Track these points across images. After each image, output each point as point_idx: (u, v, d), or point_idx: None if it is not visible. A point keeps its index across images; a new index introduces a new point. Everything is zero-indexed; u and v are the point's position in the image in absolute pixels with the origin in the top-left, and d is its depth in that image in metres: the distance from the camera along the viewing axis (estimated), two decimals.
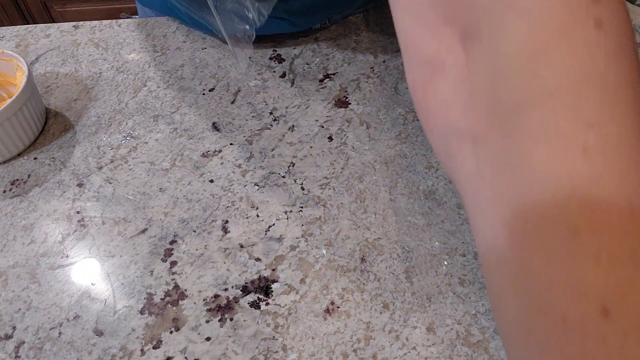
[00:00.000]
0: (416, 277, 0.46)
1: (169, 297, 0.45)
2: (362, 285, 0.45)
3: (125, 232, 0.49)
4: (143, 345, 0.43)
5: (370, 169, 0.53)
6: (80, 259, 0.48)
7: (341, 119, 0.57)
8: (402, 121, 0.57)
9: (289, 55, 0.65)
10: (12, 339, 0.43)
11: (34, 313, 0.45)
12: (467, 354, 0.41)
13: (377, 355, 0.41)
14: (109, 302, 0.45)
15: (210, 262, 0.47)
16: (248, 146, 0.55)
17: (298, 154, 0.55)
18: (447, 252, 0.47)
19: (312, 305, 0.44)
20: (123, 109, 0.59)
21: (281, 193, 0.52)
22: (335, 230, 0.49)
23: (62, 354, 0.42)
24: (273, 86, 0.61)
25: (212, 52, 0.65)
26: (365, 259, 0.47)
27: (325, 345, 0.42)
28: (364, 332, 0.43)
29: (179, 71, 0.63)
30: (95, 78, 0.63)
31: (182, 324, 0.44)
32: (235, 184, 0.52)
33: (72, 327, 0.44)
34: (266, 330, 0.43)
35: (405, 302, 0.44)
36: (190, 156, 0.55)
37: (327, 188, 0.52)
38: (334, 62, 0.63)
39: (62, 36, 0.68)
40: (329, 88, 0.61)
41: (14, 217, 0.51)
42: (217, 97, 0.60)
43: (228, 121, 0.58)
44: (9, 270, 0.47)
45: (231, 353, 0.42)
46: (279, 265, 0.47)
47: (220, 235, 0.49)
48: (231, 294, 0.45)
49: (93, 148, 0.56)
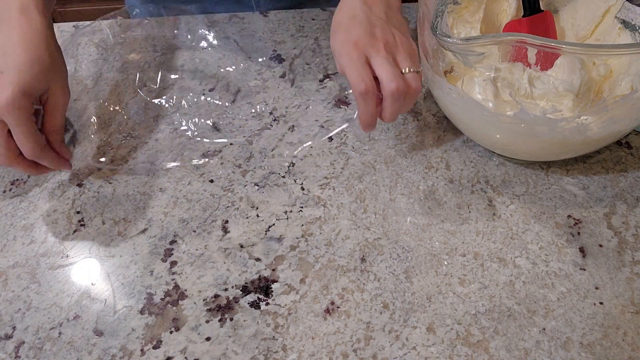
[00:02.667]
0: (416, 277, 0.46)
1: (169, 297, 0.45)
2: (362, 285, 0.45)
3: (125, 232, 0.49)
4: (143, 345, 0.43)
5: (370, 169, 0.53)
6: (80, 259, 0.48)
7: (341, 119, 0.57)
8: (402, 121, 0.57)
9: (289, 55, 0.65)
10: (12, 339, 0.43)
11: (34, 313, 0.45)
12: (467, 354, 0.41)
13: (377, 355, 0.41)
14: (109, 302, 0.45)
15: (210, 262, 0.47)
16: (248, 146, 0.55)
17: (298, 154, 0.55)
18: (447, 252, 0.47)
19: (312, 305, 0.44)
20: (123, 109, 0.59)
21: (281, 193, 0.52)
22: (335, 230, 0.49)
23: (62, 354, 0.42)
24: (273, 86, 0.61)
25: (212, 52, 0.65)
26: (365, 259, 0.47)
27: (325, 345, 0.42)
28: (364, 332, 0.43)
29: (179, 71, 0.63)
30: (95, 78, 0.63)
31: (182, 324, 0.44)
32: (235, 184, 0.52)
33: (72, 327, 0.44)
34: (266, 330, 0.43)
35: (405, 302, 0.44)
36: (190, 156, 0.55)
37: (327, 188, 0.52)
38: (334, 62, 0.63)
39: (62, 36, 0.68)
40: (329, 88, 0.61)
41: (14, 217, 0.51)
42: (217, 97, 0.60)
43: (228, 121, 0.58)
44: (9, 270, 0.47)
45: (231, 353, 0.42)
46: (279, 265, 0.47)
47: (220, 235, 0.49)
48: (231, 294, 0.45)
49: (93, 148, 0.56)
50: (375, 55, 0.45)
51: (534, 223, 0.49)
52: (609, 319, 0.43)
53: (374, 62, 0.45)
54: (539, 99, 0.47)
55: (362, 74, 0.44)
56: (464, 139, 0.55)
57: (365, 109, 0.46)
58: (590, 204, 0.50)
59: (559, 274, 0.45)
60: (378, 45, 0.46)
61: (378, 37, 0.46)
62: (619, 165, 0.53)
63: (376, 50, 0.45)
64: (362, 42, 0.45)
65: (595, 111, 0.44)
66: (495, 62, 0.49)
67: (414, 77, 0.45)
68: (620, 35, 0.52)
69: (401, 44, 0.47)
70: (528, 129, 0.45)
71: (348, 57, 0.45)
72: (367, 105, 0.45)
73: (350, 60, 0.45)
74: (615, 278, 0.45)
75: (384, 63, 0.45)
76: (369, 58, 0.45)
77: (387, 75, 0.44)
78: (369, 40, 0.46)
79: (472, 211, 0.50)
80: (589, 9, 0.54)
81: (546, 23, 0.53)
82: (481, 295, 0.44)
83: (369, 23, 0.47)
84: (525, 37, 0.40)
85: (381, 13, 0.48)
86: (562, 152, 0.49)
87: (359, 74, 0.44)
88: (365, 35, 0.46)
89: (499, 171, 0.52)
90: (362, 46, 0.45)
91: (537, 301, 0.44)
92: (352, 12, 0.48)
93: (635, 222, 0.49)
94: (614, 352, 0.41)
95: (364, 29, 0.46)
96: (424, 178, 0.52)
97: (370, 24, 0.47)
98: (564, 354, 0.41)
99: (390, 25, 0.48)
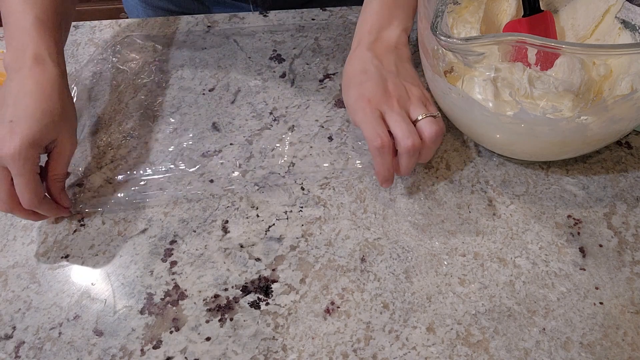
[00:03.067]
0: (416, 277, 0.46)
1: (169, 297, 0.45)
2: (362, 285, 0.45)
3: (125, 232, 0.49)
4: (143, 345, 0.43)
5: (370, 169, 0.53)
6: (80, 259, 0.48)
7: (341, 119, 0.57)
8: None
9: (289, 55, 0.65)
10: (12, 339, 0.43)
11: (34, 313, 0.45)
12: (467, 354, 0.41)
13: (377, 355, 0.41)
14: (109, 302, 0.45)
15: (210, 262, 0.47)
16: (248, 146, 0.55)
17: (298, 154, 0.55)
18: (447, 252, 0.47)
19: (312, 305, 0.44)
20: (123, 109, 0.59)
21: (281, 193, 0.52)
22: (335, 230, 0.49)
23: (62, 354, 0.42)
24: (273, 86, 0.61)
25: (212, 52, 0.65)
26: (365, 259, 0.47)
27: (325, 345, 0.42)
28: (364, 332, 0.43)
29: (179, 71, 0.63)
30: (96, 78, 0.63)
31: (182, 324, 0.44)
32: (235, 184, 0.52)
33: (72, 327, 0.44)
34: (266, 330, 0.43)
35: (405, 302, 0.44)
36: (190, 156, 0.55)
37: (327, 188, 0.52)
38: (334, 62, 0.63)
39: None
40: (329, 88, 0.61)
41: (14, 217, 0.51)
42: (217, 97, 0.60)
43: (228, 121, 0.58)
44: (9, 270, 0.47)
45: (231, 353, 0.42)
46: (279, 265, 0.47)
47: (220, 235, 0.49)
48: (231, 294, 0.45)
49: (93, 148, 0.56)
50: (390, 112, 0.46)
51: (534, 223, 0.49)
52: (609, 319, 0.43)
53: (388, 119, 0.46)
54: (539, 99, 0.47)
55: (378, 130, 0.45)
56: (464, 139, 0.55)
57: (382, 163, 0.47)
58: (590, 204, 0.50)
59: (559, 274, 0.45)
60: (391, 102, 0.47)
61: (391, 93, 0.47)
62: (619, 165, 0.53)
63: (390, 106, 0.46)
64: (375, 99, 0.47)
65: (595, 111, 0.44)
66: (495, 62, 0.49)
67: (429, 122, 0.46)
68: (620, 35, 0.52)
69: (413, 95, 0.48)
70: (528, 129, 0.45)
71: (362, 113, 0.47)
72: (383, 159, 0.46)
73: (364, 115, 0.46)
74: (615, 278, 0.45)
75: (398, 120, 0.46)
76: (383, 114, 0.46)
77: (402, 133, 0.45)
78: (382, 97, 0.47)
79: (472, 211, 0.50)
80: (589, 9, 0.54)
81: (546, 23, 0.53)
82: (481, 295, 0.44)
83: (381, 78, 0.48)
84: (525, 37, 0.40)
85: (391, 66, 0.50)
86: (562, 152, 0.49)
87: (374, 129, 0.45)
88: (378, 91, 0.47)
89: (499, 171, 0.52)
90: (376, 103, 0.47)
91: (537, 301, 0.44)
92: (363, 66, 0.50)
93: (635, 222, 0.49)
94: (614, 352, 0.41)
95: (377, 84, 0.48)
96: (424, 178, 0.52)
97: (382, 79, 0.48)
98: (564, 354, 0.41)
99: (401, 78, 0.49)
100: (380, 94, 0.47)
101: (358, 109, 0.47)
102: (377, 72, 0.49)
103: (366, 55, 0.50)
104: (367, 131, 0.46)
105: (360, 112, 0.47)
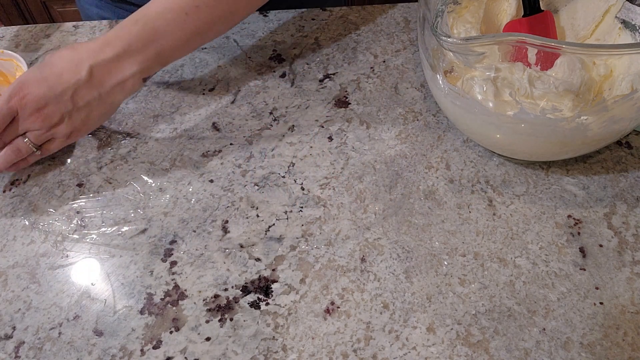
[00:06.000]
0: (416, 277, 0.46)
1: (169, 297, 0.45)
2: (362, 285, 0.45)
3: (125, 232, 0.49)
4: (143, 345, 0.43)
5: (370, 169, 0.53)
6: (80, 259, 0.48)
7: (341, 119, 0.57)
8: (402, 121, 0.57)
9: (289, 55, 0.65)
10: (12, 339, 0.43)
11: (34, 313, 0.45)
12: (467, 354, 0.41)
13: (377, 355, 0.41)
14: (109, 302, 0.45)
15: (210, 262, 0.47)
16: (248, 146, 0.55)
17: (298, 154, 0.55)
18: (447, 252, 0.47)
19: (312, 305, 0.44)
20: (123, 109, 0.59)
21: (281, 193, 0.52)
22: (335, 230, 0.49)
23: (62, 354, 0.42)
24: (273, 86, 0.61)
25: (212, 52, 0.65)
26: (365, 259, 0.47)
27: (325, 345, 0.42)
28: (364, 332, 0.43)
29: (179, 71, 0.63)
30: None
31: (182, 324, 0.44)
32: (235, 184, 0.52)
33: (72, 327, 0.44)
34: (266, 330, 0.43)
35: (405, 302, 0.44)
36: (190, 156, 0.55)
37: (327, 188, 0.52)
38: (334, 62, 0.63)
39: (62, 36, 0.68)
40: (329, 88, 0.61)
41: (14, 217, 0.51)
42: (217, 97, 0.60)
43: (228, 121, 0.58)
44: (9, 270, 0.47)
45: (231, 353, 0.42)
46: (279, 265, 0.47)
47: (220, 235, 0.49)
48: (231, 294, 0.45)
49: (93, 148, 0.56)
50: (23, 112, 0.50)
51: (534, 223, 0.49)
52: (609, 319, 0.43)
53: (21, 114, 0.50)
54: (539, 99, 0.47)
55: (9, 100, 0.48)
56: (464, 139, 0.55)
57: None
58: (590, 204, 0.50)
59: (559, 274, 0.45)
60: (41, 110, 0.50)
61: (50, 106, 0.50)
62: (619, 165, 0.53)
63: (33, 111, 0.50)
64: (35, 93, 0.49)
65: (595, 111, 0.44)
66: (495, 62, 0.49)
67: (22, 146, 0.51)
68: (620, 35, 0.52)
69: (61, 129, 0.51)
70: (528, 129, 0.45)
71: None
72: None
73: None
74: (615, 278, 0.45)
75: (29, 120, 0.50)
76: (22, 109, 0.49)
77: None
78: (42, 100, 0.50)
79: (472, 211, 0.50)
80: (589, 9, 0.54)
81: (546, 23, 0.53)
82: (481, 295, 0.44)
83: (67, 90, 0.49)
84: (525, 37, 0.40)
85: (89, 98, 0.51)
86: (562, 152, 0.49)
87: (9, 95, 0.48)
88: (41, 91, 0.49)
89: (499, 171, 0.52)
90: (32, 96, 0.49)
91: (537, 301, 0.44)
92: (77, 66, 0.50)
93: (635, 222, 0.49)
94: (614, 352, 0.41)
95: (52, 89, 0.50)
96: (424, 178, 0.52)
97: (66, 92, 0.50)
98: (564, 354, 0.41)
99: (77, 112, 0.51)
100: (41, 96, 0.48)
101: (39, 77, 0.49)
102: (72, 84, 0.49)
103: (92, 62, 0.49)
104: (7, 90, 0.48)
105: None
